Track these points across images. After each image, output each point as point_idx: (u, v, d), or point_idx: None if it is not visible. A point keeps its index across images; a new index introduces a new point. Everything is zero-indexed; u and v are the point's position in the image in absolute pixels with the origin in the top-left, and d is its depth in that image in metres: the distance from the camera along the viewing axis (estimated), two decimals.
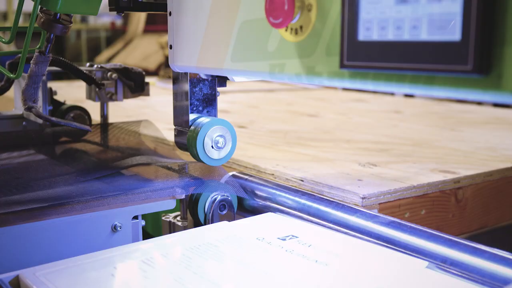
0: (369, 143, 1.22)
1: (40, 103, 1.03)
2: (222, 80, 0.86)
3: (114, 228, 0.73)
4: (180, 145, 0.85)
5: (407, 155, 1.09)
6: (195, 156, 0.82)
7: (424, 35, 0.44)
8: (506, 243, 1.25)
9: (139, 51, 5.27)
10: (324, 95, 2.31)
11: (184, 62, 0.75)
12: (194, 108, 0.84)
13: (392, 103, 2.07)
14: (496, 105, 3.08)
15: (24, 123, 1.08)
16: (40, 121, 1.04)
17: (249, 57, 0.64)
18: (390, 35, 0.47)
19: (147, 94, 1.10)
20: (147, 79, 1.10)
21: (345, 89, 3.00)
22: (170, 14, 0.76)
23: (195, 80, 0.83)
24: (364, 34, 0.49)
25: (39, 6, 0.78)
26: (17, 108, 1.11)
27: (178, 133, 0.85)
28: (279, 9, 0.55)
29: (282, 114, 1.70)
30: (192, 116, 0.83)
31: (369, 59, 0.49)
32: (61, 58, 1.03)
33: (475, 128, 1.45)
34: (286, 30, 0.58)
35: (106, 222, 0.72)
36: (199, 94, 0.84)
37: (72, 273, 0.59)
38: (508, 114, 1.75)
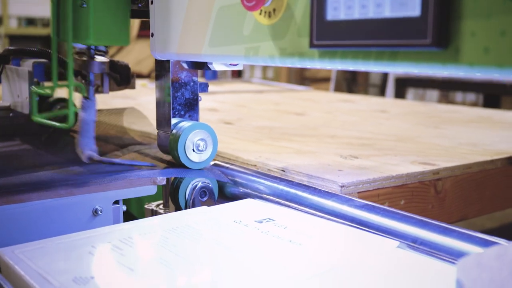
0: (352, 138, 1.24)
1: (26, 94, 1.04)
2: (204, 85, 0.88)
3: (95, 212, 0.74)
4: (162, 148, 0.87)
5: (389, 149, 1.11)
6: (177, 159, 0.83)
7: (387, 12, 0.46)
8: None
9: (133, 56, 5.28)
10: (312, 96, 2.33)
11: (164, 50, 0.77)
12: (176, 113, 0.86)
13: (380, 103, 2.09)
14: (484, 105, 3.11)
15: (11, 114, 1.09)
16: (26, 111, 1.06)
17: (226, 41, 0.65)
18: (356, 14, 0.48)
19: (133, 87, 1.11)
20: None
21: (336, 89, 3.03)
22: (151, 2, 0.78)
23: (177, 85, 0.85)
24: (332, 14, 0.50)
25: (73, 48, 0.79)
26: (5, 100, 1.12)
27: (160, 137, 0.86)
28: None
29: (269, 113, 1.72)
30: (174, 121, 0.85)
31: (337, 38, 0.50)
32: (48, 50, 1.04)
33: (459, 126, 1.47)
34: (260, 13, 0.60)
35: (87, 206, 0.74)
36: (181, 98, 0.86)
37: (50, 251, 0.60)
38: (493, 114, 1.77)
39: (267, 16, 0.59)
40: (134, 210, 0.99)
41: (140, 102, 1.89)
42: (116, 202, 0.76)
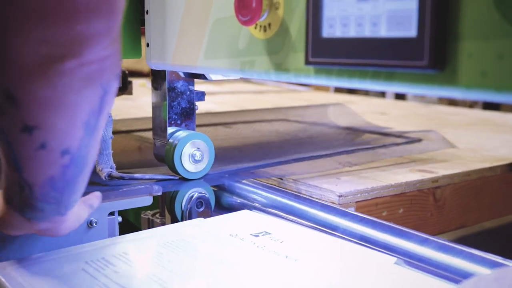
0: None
1: None
2: (201, 94, 0.87)
3: (90, 224, 0.73)
4: (158, 157, 0.86)
5: (387, 155, 1.10)
6: (173, 169, 0.82)
7: (383, 32, 0.45)
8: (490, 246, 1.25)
9: None
10: (312, 97, 2.32)
11: (160, 60, 0.76)
12: (173, 122, 0.85)
13: (381, 105, 2.08)
14: (485, 107, 3.10)
15: None
16: None
17: (221, 54, 0.64)
18: (352, 32, 0.47)
19: (130, 93, 1.10)
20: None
21: (336, 90, 3.02)
22: (147, 12, 0.77)
23: (173, 94, 0.84)
24: (327, 31, 0.50)
25: None
26: None
27: (156, 146, 0.86)
28: (247, 7, 0.56)
29: None
30: (170, 130, 0.84)
31: (333, 56, 0.49)
32: None
33: (459, 130, 1.46)
34: (255, 27, 0.59)
35: None
36: (177, 108, 0.85)
37: (43, 268, 0.60)
38: (494, 116, 1.76)
39: (263, 30, 0.58)
40: (131, 218, 0.99)
41: (139, 103, 1.88)
42: (112, 213, 0.75)
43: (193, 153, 0.82)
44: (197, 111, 0.86)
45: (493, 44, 0.39)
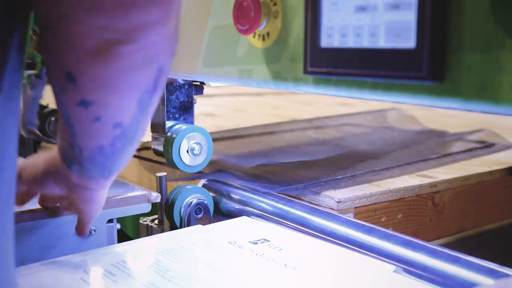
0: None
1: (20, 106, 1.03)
2: (199, 88, 0.87)
3: (89, 232, 0.73)
4: (156, 151, 0.86)
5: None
6: (171, 162, 0.82)
7: (382, 42, 0.45)
8: (489, 247, 1.25)
9: None
10: (311, 98, 2.31)
11: None
12: (171, 116, 0.85)
13: (379, 107, 2.07)
14: None
15: None
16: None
17: (219, 62, 0.64)
18: (350, 42, 0.47)
19: None
20: None
21: None
22: None
23: (172, 87, 0.83)
24: (326, 41, 0.49)
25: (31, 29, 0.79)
26: None
27: (154, 140, 0.85)
28: (246, 16, 0.56)
29: (267, 118, 1.71)
30: (168, 124, 0.84)
31: (331, 66, 0.49)
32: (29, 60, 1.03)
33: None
34: (254, 36, 0.59)
35: None
36: (176, 101, 0.85)
37: (41, 277, 0.59)
38: (491, 118, 1.75)
39: (261, 39, 0.58)
40: (129, 224, 0.98)
41: None
42: (110, 220, 0.75)
43: (191, 147, 0.81)
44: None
45: (492, 56, 0.39)
